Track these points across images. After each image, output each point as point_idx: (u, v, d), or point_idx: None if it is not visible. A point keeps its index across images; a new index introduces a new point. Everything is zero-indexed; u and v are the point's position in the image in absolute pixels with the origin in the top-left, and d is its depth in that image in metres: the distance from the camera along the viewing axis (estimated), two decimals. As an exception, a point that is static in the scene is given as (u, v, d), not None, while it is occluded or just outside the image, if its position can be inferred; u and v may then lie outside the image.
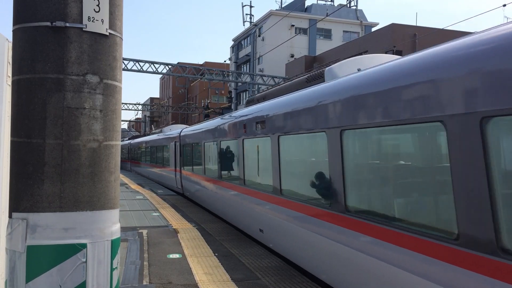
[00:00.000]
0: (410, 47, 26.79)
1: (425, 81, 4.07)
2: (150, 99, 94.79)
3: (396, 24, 27.77)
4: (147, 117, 79.88)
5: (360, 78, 5.23)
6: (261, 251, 8.49)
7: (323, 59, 36.04)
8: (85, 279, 2.49)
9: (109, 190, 2.66)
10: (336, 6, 49.04)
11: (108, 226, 2.63)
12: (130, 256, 7.95)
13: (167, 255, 8.00)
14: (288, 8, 46.53)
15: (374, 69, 5.09)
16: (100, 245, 2.56)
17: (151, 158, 25.14)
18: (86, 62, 2.57)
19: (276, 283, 6.47)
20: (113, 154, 2.70)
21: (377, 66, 5.13)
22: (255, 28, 46.67)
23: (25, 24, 2.54)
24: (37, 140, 2.48)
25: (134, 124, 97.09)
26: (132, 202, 15.38)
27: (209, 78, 31.95)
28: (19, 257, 2.43)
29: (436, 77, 3.95)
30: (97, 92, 2.60)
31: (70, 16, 2.53)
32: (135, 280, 6.55)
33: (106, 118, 2.64)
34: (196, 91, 68.50)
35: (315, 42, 46.48)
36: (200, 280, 6.58)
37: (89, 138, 2.56)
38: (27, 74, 2.51)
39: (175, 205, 14.74)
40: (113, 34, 2.70)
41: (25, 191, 2.47)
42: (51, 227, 2.45)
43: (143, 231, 10.20)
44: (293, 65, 39.77)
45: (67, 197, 2.49)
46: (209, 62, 65.00)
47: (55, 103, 2.49)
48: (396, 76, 4.51)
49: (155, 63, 29.29)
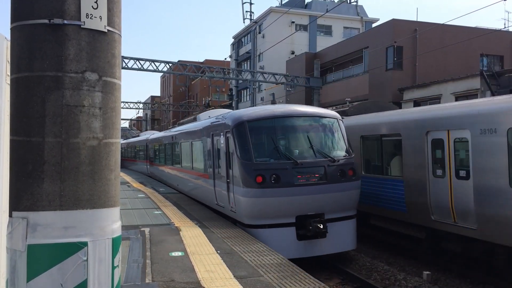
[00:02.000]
0: (411, 43, 26.71)
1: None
2: (151, 97, 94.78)
3: (397, 20, 27.67)
4: (148, 116, 79.91)
5: (196, 124, 15.70)
6: (264, 248, 8.49)
7: (323, 56, 35.97)
8: (86, 278, 2.48)
9: (110, 188, 2.65)
10: (336, 2, 48.91)
11: (108, 224, 2.62)
12: (132, 254, 7.94)
13: (169, 253, 8.00)
14: (288, 4, 46.41)
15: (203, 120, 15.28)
16: (101, 244, 2.55)
17: (135, 154, 36.30)
18: (84, 59, 2.55)
19: (279, 280, 6.47)
20: (113, 152, 2.68)
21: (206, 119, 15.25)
22: (255, 25, 46.59)
23: (23, 22, 2.52)
24: (36, 138, 2.46)
25: (135, 123, 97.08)
26: (134, 201, 15.38)
27: (210, 76, 31.92)
28: (19, 256, 2.42)
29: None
30: (96, 89, 2.58)
31: (68, 13, 2.51)
32: (138, 278, 6.54)
33: (105, 116, 2.62)
34: (196, 89, 68.44)
35: (316, 39, 46.38)
36: (203, 277, 6.57)
37: (88, 136, 2.54)
38: (25, 72, 2.49)
39: (177, 203, 14.74)
40: (112, 31, 2.68)
41: (25, 190, 2.46)
42: (51, 225, 2.44)
43: (145, 229, 10.20)
44: (293, 62, 39.69)
45: (67, 195, 2.48)
46: (210, 60, 64.92)
47: (54, 101, 2.47)
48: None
49: (156, 61, 29.26)
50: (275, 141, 10.60)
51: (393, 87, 26.36)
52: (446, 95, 22.25)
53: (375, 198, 12.50)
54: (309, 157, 10.38)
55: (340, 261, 10.94)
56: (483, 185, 8.83)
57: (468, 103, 9.94)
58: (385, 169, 12.35)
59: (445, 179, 9.94)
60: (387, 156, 12.42)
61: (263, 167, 10.03)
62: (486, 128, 8.78)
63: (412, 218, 11.16)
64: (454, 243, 10.34)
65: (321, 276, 10.24)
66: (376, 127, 12.65)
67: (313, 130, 10.94)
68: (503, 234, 8.51)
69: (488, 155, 8.73)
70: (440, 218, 10.07)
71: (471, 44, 26.12)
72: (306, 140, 10.71)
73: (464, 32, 26.78)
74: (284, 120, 10.90)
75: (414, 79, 26.66)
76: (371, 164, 13.20)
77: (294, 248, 9.95)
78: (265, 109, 11.65)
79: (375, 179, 12.58)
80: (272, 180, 9.88)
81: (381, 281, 9.80)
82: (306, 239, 10.00)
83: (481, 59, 27.67)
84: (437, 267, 10.90)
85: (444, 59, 26.72)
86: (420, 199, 10.59)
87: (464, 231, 9.44)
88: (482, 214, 8.85)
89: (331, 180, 10.19)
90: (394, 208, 11.69)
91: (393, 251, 12.59)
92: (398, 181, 11.48)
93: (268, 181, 9.85)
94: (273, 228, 9.98)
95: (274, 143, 10.54)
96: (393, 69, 27.02)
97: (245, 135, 10.42)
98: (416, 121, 10.87)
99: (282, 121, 10.87)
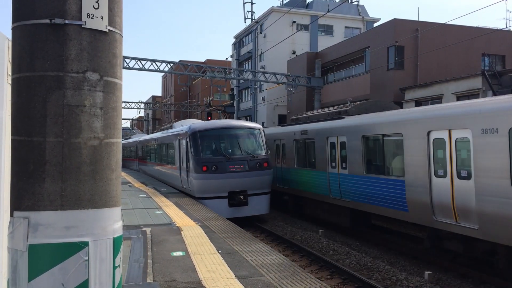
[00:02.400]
0: (412, 42, 26.68)
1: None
2: (152, 97, 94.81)
3: (398, 19, 27.63)
4: (149, 116, 79.90)
5: (170, 130, 22.20)
6: (265, 247, 8.49)
7: (324, 56, 35.94)
8: (87, 278, 2.48)
9: (111, 188, 2.65)
10: (337, 2, 48.85)
11: (110, 224, 2.62)
12: (133, 254, 7.95)
13: (170, 253, 8.00)
14: (289, 4, 46.38)
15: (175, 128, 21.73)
16: (102, 243, 2.55)
17: (129, 154, 40.73)
18: (85, 59, 2.55)
19: (280, 280, 6.47)
20: (114, 151, 2.68)
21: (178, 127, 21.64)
22: (257, 25, 46.54)
23: (24, 22, 2.52)
24: (37, 138, 2.46)
25: (137, 123, 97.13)
26: (135, 201, 15.39)
27: (211, 76, 31.91)
28: (21, 256, 2.43)
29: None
30: (97, 89, 2.58)
31: (69, 13, 2.51)
32: (139, 278, 6.55)
33: (106, 116, 2.62)
34: (198, 89, 68.44)
35: (317, 39, 46.31)
36: (204, 277, 6.57)
37: (89, 136, 2.54)
38: (26, 72, 2.49)
39: (178, 203, 14.75)
40: (113, 31, 2.68)
41: (26, 190, 2.46)
42: (52, 225, 2.44)
43: (147, 229, 10.20)
44: (294, 61, 39.66)
45: (68, 195, 2.48)
46: (211, 60, 64.89)
47: (55, 101, 2.47)
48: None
49: (157, 61, 29.26)
50: (215, 144, 16.83)
51: (395, 87, 26.33)
52: (448, 95, 22.21)
53: (376, 198, 12.48)
54: (238, 154, 16.39)
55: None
56: (485, 185, 8.82)
57: (470, 103, 9.93)
58: (387, 169, 12.34)
59: (446, 179, 9.93)
60: (388, 156, 12.41)
61: (207, 160, 15.93)
62: (487, 128, 8.77)
63: (414, 218, 11.15)
64: (456, 243, 10.33)
65: (322, 276, 10.24)
66: (378, 127, 12.64)
67: (241, 137, 16.98)
68: (504, 234, 8.50)
69: (490, 155, 8.71)
70: (442, 218, 10.06)
71: (472, 43, 26.08)
72: (236, 143, 16.75)
73: (466, 31, 26.72)
74: (222, 130, 17.06)
75: (416, 79, 26.63)
76: (373, 164, 13.19)
77: (226, 212, 15.40)
78: (210, 123, 18.02)
79: (376, 179, 12.57)
80: (213, 169, 15.79)
81: (382, 281, 9.79)
82: (235, 206, 15.92)
83: (482, 59, 27.62)
84: (439, 267, 10.89)
85: (446, 58, 26.67)
86: (422, 199, 10.58)
87: (465, 231, 9.43)
88: (484, 213, 8.84)
89: (251, 169, 16.12)
90: (396, 208, 11.68)
91: (394, 251, 12.58)
92: (400, 181, 11.47)
93: (210, 170, 15.77)
94: (213, 199, 15.71)
95: (215, 145, 16.79)
96: (394, 68, 26.98)
97: (197, 140, 16.36)
98: (417, 121, 10.86)
99: (221, 131, 17.01)
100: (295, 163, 18.09)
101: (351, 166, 13.83)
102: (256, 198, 16.23)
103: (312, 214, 17.71)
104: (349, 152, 13.94)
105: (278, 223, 17.17)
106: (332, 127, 15.10)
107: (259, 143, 17.09)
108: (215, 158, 16.01)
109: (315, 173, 16.20)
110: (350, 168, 13.89)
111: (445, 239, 10.65)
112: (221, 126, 17.23)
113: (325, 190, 15.42)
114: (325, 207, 16.16)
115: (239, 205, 15.84)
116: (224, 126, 17.30)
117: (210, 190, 15.71)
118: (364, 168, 13.19)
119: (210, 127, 17.15)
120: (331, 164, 15.14)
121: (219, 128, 17.10)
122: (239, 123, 18.10)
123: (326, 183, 15.35)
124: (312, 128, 16.64)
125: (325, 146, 15.46)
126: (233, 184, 15.81)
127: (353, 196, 13.72)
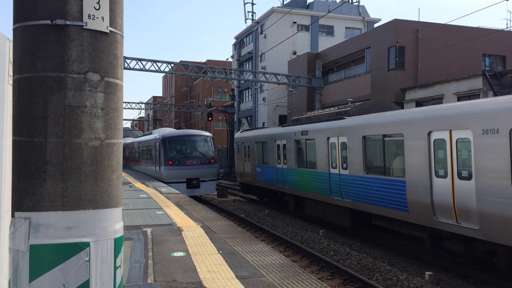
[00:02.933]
0: (413, 43, 26.67)
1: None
2: (153, 97, 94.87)
3: (399, 20, 27.63)
4: (150, 116, 79.94)
5: (149, 136, 31.31)
6: (266, 248, 8.49)
7: (325, 56, 35.94)
8: (88, 278, 2.48)
9: (112, 188, 2.65)
10: (338, 2, 48.86)
11: (111, 224, 2.62)
12: (134, 254, 7.95)
13: (171, 253, 8.01)
14: (290, 5, 46.40)
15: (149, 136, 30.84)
16: (103, 244, 2.55)
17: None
18: (87, 60, 2.55)
19: (281, 280, 6.47)
20: (115, 152, 2.68)
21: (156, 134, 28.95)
22: (257, 26, 46.57)
23: (25, 23, 2.52)
24: (38, 139, 2.47)
25: (137, 123, 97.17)
26: (136, 201, 15.40)
27: (212, 76, 31.93)
28: (22, 256, 2.43)
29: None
30: (98, 90, 2.58)
31: (70, 14, 2.51)
32: (140, 279, 6.55)
33: (107, 116, 2.62)
34: (198, 89, 68.49)
35: (317, 39, 46.32)
36: (205, 278, 6.58)
37: (90, 137, 2.54)
38: (27, 73, 2.50)
39: (179, 204, 14.75)
40: (114, 32, 2.68)
41: (27, 190, 2.46)
42: (53, 226, 2.44)
43: (147, 229, 10.21)
44: (295, 62, 39.67)
45: (69, 196, 2.48)
46: (212, 60, 64.93)
47: (56, 101, 2.47)
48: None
49: (158, 61, 29.29)
50: (178, 147, 24.35)
51: (395, 87, 26.32)
52: (448, 95, 22.21)
53: (377, 199, 12.48)
54: (193, 153, 24.15)
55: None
56: (486, 185, 8.82)
57: (470, 103, 9.93)
58: (387, 170, 12.34)
59: (447, 180, 9.92)
60: (389, 157, 12.41)
61: (172, 157, 23.79)
62: (488, 128, 8.76)
63: (414, 219, 11.15)
64: (456, 243, 10.32)
65: (323, 276, 10.24)
66: (378, 127, 12.63)
67: (196, 142, 24.80)
68: (505, 234, 8.50)
69: (491, 155, 8.71)
70: (443, 218, 10.06)
71: (473, 44, 26.07)
72: (192, 146, 24.50)
73: (466, 32, 26.72)
74: (183, 137, 25.01)
75: (416, 79, 26.62)
76: (373, 164, 13.19)
77: (185, 192, 21.65)
78: (176, 131, 26.89)
79: (377, 179, 12.56)
80: (176, 163, 23.63)
81: (383, 281, 9.79)
82: (190, 188, 23.47)
83: (483, 59, 27.62)
84: (439, 267, 10.88)
85: (446, 59, 26.67)
86: (423, 200, 10.58)
87: (466, 231, 9.43)
88: (485, 214, 8.83)
89: (202, 164, 23.93)
90: (396, 209, 11.67)
91: (395, 252, 12.58)
92: (401, 181, 11.47)
93: (174, 164, 23.63)
94: (177, 183, 23.05)
95: (178, 147, 24.32)
96: (395, 69, 26.98)
97: (165, 144, 24.17)
98: (418, 121, 10.85)
99: (182, 138, 24.97)
100: (296, 164, 18.10)
101: (351, 166, 13.83)
102: (206, 183, 24.11)
103: (312, 214, 17.72)
104: (349, 152, 13.95)
105: (278, 223, 17.18)
106: (333, 128, 15.10)
107: (209, 146, 24.88)
108: (178, 156, 23.91)
109: (316, 173, 16.20)
110: (350, 168, 13.90)
111: (445, 240, 10.64)
112: (182, 134, 25.51)
113: (326, 190, 15.43)
114: (326, 208, 16.17)
115: (194, 187, 23.75)
116: (185, 134, 25.62)
117: (174, 177, 23.55)
118: (364, 168, 13.18)
119: (175, 134, 25.44)
120: (332, 165, 15.15)
121: (181, 135, 25.26)
122: (195, 132, 26.40)
123: (326, 184, 15.36)
124: (312, 129, 16.65)
125: (325, 146, 15.46)
126: (190, 173, 23.65)
127: (353, 196, 13.72)
